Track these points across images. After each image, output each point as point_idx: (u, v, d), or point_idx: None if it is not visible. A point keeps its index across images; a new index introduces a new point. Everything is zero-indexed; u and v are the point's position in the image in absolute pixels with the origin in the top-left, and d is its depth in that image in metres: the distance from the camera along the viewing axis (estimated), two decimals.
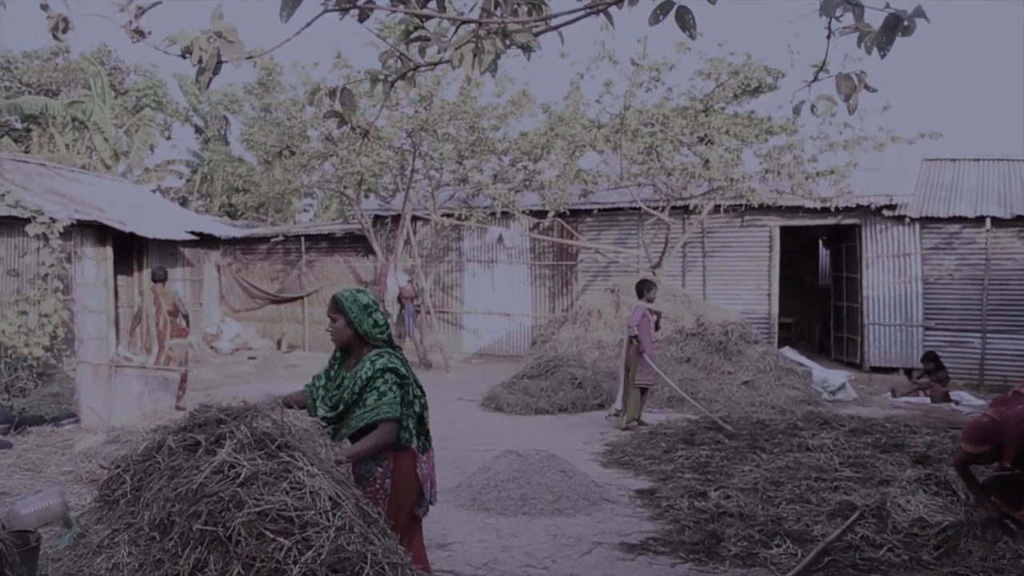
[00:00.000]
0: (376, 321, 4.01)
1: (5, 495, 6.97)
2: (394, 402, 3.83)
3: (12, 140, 26.41)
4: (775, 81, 14.55)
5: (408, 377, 3.97)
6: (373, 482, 3.90)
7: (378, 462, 3.91)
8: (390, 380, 3.85)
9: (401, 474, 3.96)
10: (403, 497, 3.98)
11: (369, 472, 3.91)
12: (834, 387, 12.32)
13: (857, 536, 5.63)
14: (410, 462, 4.01)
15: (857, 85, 2.90)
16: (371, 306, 4.03)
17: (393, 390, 3.85)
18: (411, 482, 4.02)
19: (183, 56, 2.94)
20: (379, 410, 3.80)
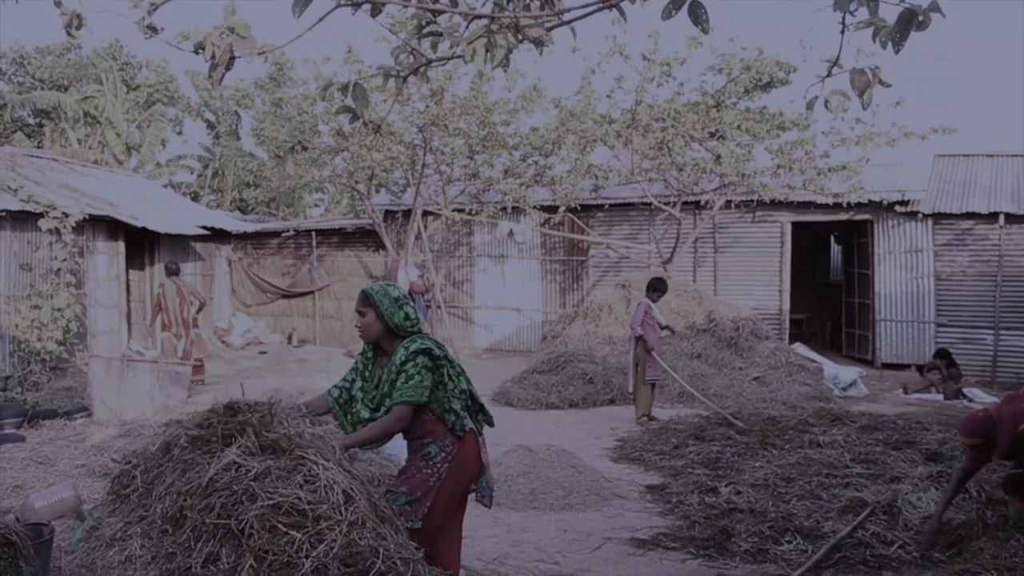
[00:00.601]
0: (408, 314, 3.92)
1: (19, 488, 7.02)
2: (420, 386, 3.70)
3: (25, 135, 26.56)
4: (787, 76, 14.48)
5: (442, 358, 3.84)
6: (431, 465, 3.82)
7: (442, 446, 3.83)
8: (420, 363, 3.74)
9: (463, 460, 3.88)
10: (457, 484, 3.90)
11: (429, 455, 3.83)
12: (845, 383, 12.29)
13: (868, 533, 5.61)
14: (474, 447, 3.95)
15: (871, 80, 2.89)
16: (402, 299, 3.94)
17: (422, 373, 3.72)
18: (472, 468, 3.95)
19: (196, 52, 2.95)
20: (402, 392, 3.69)
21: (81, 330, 13.95)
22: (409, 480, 3.83)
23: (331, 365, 16.20)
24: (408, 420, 3.74)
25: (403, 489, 3.80)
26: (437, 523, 3.86)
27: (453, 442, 3.84)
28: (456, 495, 3.93)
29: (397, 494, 3.79)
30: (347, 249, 19.39)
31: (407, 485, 3.82)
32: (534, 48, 3.21)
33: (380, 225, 17.66)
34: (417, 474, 3.83)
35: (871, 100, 2.95)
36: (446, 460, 3.82)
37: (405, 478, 3.86)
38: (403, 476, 3.89)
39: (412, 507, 3.76)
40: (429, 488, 3.79)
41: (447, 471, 3.82)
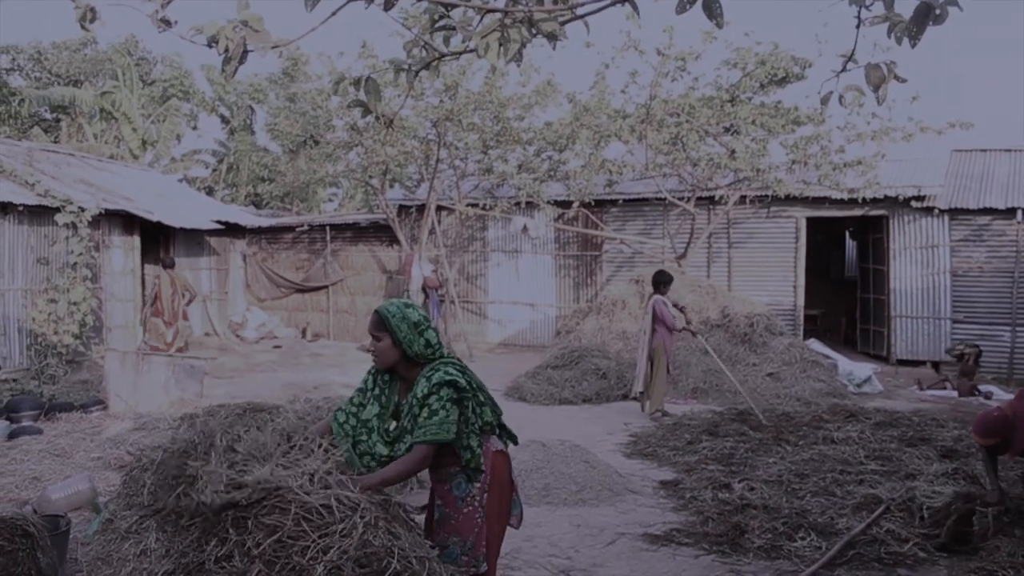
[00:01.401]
0: (428, 341, 3.53)
1: (36, 480, 7.07)
2: (445, 421, 3.34)
3: (42, 130, 26.72)
4: (802, 71, 14.40)
5: (468, 389, 3.47)
6: (470, 502, 3.51)
7: (473, 477, 3.51)
8: (444, 396, 3.36)
9: (500, 485, 3.59)
10: (500, 510, 3.61)
11: (464, 492, 3.51)
12: (860, 380, 12.22)
13: (882, 530, 5.59)
14: (506, 467, 3.66)
15: (887, 75, 2.86)
16: (422, 323, 3.54)
17: (447, 408, 3.35)
18: (508, 490, 3.66)
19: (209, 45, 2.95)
20: (425, 431, 3.33)
21: (97, 324, 14.04)
22: (457, 527, 3.51)
23: (345, 360, 16.25)
24: (431, 459, 3.41)
25: (454, 539, 3.50)
26: (495, 556, 3.61)
27: (487, 466, 3.55)
28: (502, 522, 3.65)
29: (449, 547, 3.49)
30: (361, 244, 19.43)
31: (456, 534, 3.50)
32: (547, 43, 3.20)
33: (394, 220, 17.68)
34: (460, 517, 3.51)
35: (886, 95, 2.92)
36: (484, 489, 3.52)
37: (451, 527, 3.52)
38: (446, 525, 3.54)
39: (468, 554, 3.47)
40: (479, 527, 3.49)
41: (488, 500, 3.53)
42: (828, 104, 3.27)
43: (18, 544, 4.18)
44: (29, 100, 25.72)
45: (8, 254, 12.70)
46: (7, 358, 12.56)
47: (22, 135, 25.26)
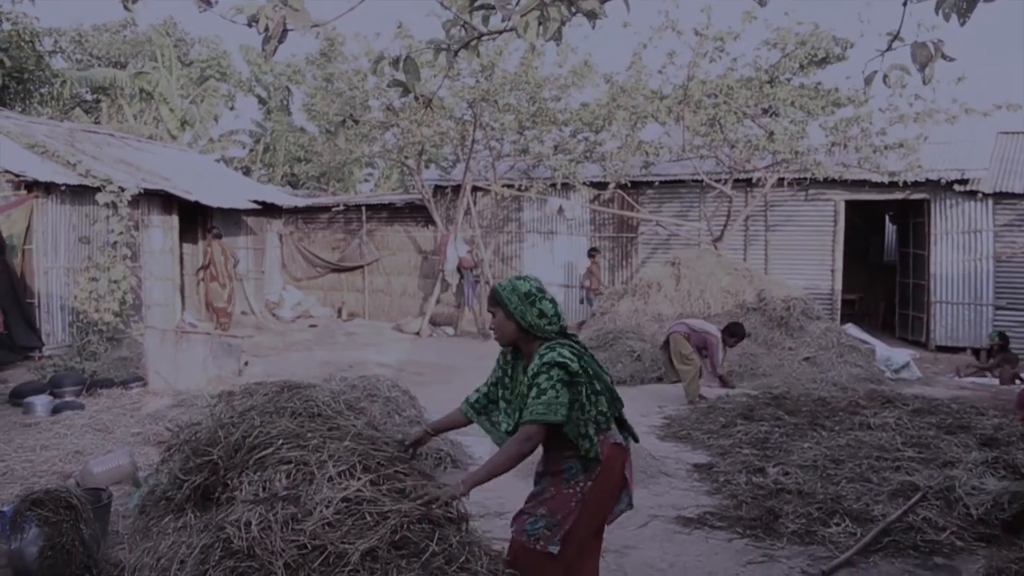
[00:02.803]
0: (543, 311, 3.46)
1: (79, 454, 7.21)
2: (554, 402, 3.24)
3: (83, 111, 27.03)
4: (843, 51, 14.19)
5: (581, 374, 3.35)
6: (574, 485, 3.42)
7: (588, 467, 3.41)
8: (555, 377, 3.27)
9: (608, 476, 3.46)
10: (601, 503, 3.48)
11: (573, 475, 3.43)
12: (898, 365, 12.08)
13: (919, 518, 5.53)
14: (620, 459, 3.52)
15: (933, 54, 2.80)
16: (533, 294, 3.48)
17: (556, 388, 3.26)
18: (616, 485, 3.52)
19: (249, 25, 2.96)
20: (532, 410, 3.25)
21: (136, 302, 14.24)
22: (549, 501, 3.44)
23: (380, 339, 16.35)
24: (538, 440, 3.30)
25: (541, 511, 3.42)
26: (577, 548, 3.45)
27: (600, 454, 3.42)
28: (599, 515, 3.52)
29: (535, 516, 3.42)
30: (396, 224, 19.50)
31: (546, 507, 3.43)
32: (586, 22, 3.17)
33: (429, 200, 17.72)
34: (557, 495, 3.43)
35: (932, 75, 2.87)
36: (590, 478, 3.40)
37: (544, 499, 3.45)
38: (541, 497, 3.48)
39: (551, 531, 3.37)
40: (571, 510, 3.39)
41: (591, 490, 3.42)
42: (872, 84, 3.21)
43: (63, 515, 4.28)
44: (70, 82, 26.02)
45: (51, 233, 12.90)
46: (50, 335, 12.79)
47: (64, 116, 25.57)
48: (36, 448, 7.42)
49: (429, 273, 18.62)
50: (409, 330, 17.30)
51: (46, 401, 9.11)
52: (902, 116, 13.92)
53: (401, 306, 19.24)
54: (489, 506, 6.10)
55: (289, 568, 2.81)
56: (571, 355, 3.36)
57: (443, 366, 13.02)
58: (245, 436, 3.38)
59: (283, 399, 3.65)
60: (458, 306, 17.67)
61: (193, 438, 3.62)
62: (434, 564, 2.91)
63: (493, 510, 6.01)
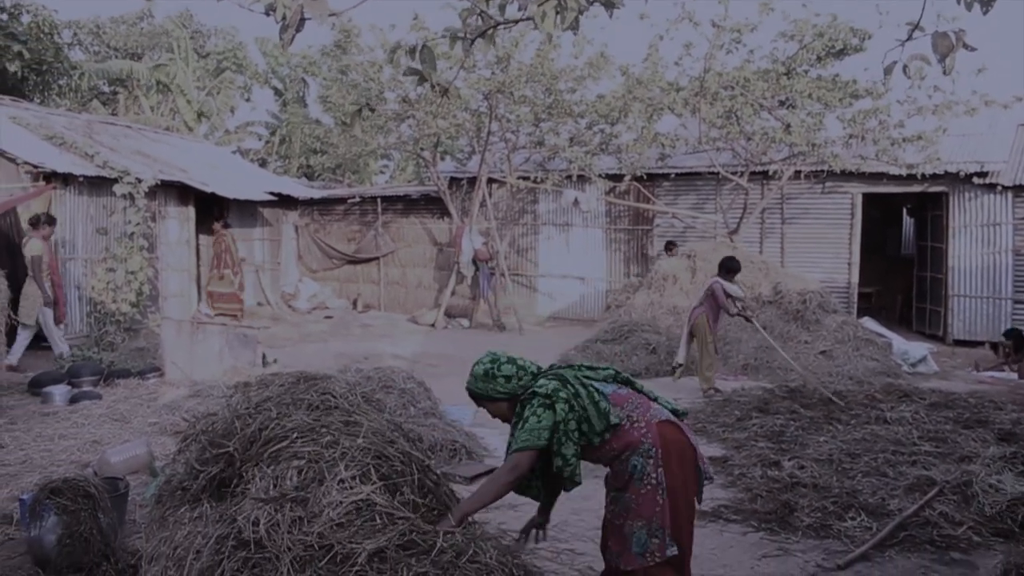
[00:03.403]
0: (506, 375, 3.58)
1: (96, 443, 7.26)
2: (536, 427, 3.35)
3: (100, 103, 27.17)
4: (861, 43, 14.09)
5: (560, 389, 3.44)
6: (648, 480, 3.37)
7: (644, 452, 3.38)
8: (535, 404, 3.40)
9: (674, 453, 3.43)
10: (683, 479, 3.46)
11: (639, 471, 3.39)
12: (915, 359, 12.00)
13: (936, 512, 5.49)
14: (679, 436, 3.51)
15: (955, 44, 2.77)
16: (489, 370, 3.61)
17: (537, 414, 3.37)
18: (687, 459, 3.50)
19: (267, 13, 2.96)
20: (516, 438, 3.39)
21: (153, 292, 14.32)
22: (636, 509, 3.38)
23: (395, 331, 16.38)
24: (524, 468, 3.39)
25: (638, 524, 3.37)
26: (687, 535, 3.50)
27: (654, 440, 3.40)
28: (687, 494, 3.51)
29: (635, 533, 3.37)
30: (412, 216, 19.51)
31: (637, 517, 3.38)
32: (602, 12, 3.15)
33: (445, 192, 17.72)
34: (640, 498, 3.38)
35: (953, 66, 2.83)
36: (657, 464, 3.38)
37: (634, 511, 3.39)
38: (629, 511, 3.41)
39: (659, 536, 3.34)
40: (659, 504, 3.36)
41: (664, 474, 3.38)
42: (892, 75, 3.18)
43: (81, 504, 4.31)
44: (88, 74, 26.15)
45: (69, 224, 12.98)
46: (68, 325, 12.87)
47: (82, 108, 25.71)
48: (54, 437, 7.48)
49: (444, 265, 18.64)
50: (424, 322, 17.32)
51: (64, 391, 9.17)
52: (921, 108, 13.81)
53: (416, 298, 19.27)
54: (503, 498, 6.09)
55: (296, 565, 2.83)
56: (544, 381, 3.49)
57: (458, 358, 13.02)
58: (261, 428, 3.39)
59: (299, 391, 3.66)
60: (473, 298, 17.67)
61: (209, 429, 3.64)
62: (443, 560, 2.92)
63: (507, 502, 6.01)
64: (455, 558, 2.93)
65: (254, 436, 3.38)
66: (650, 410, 3.53)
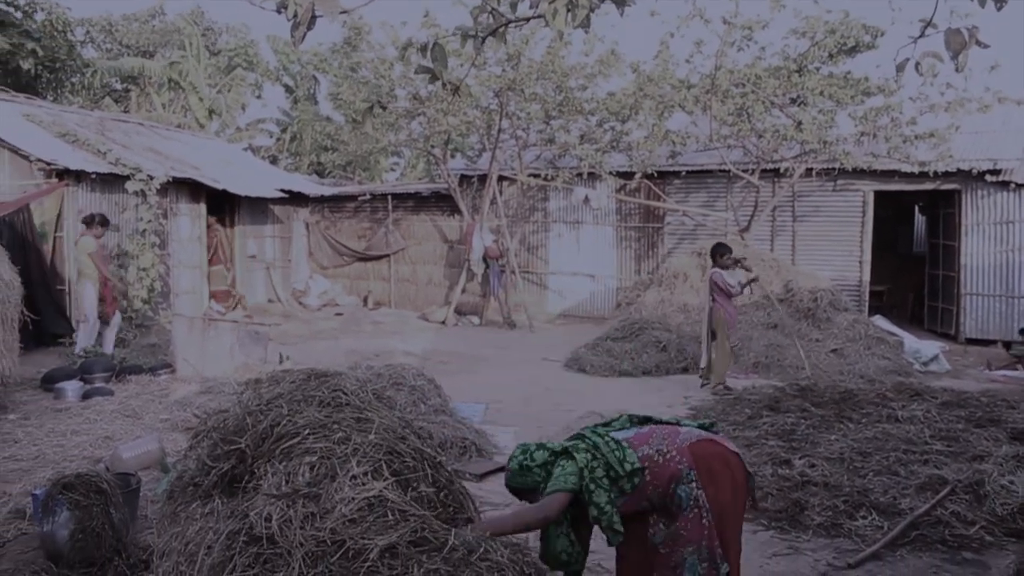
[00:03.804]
0: (540, 462, 3.57)
1: (108, 439, 7.30)
2: (560, 475, 3.42)
3: (113, 100, 27.29)
4: (873, 40, 14.03)
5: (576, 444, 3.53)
6: (693, 505, 3.38)
7: (683, 480, 3.39)
8: (557, 462, 3.51)
9: (712, 472, 3.44)
10: (726, 500, 3.44)
11: (685, 499, 3.39)
12: (927, 358, 11.95)
13: (947, 512, 5.47)
14: (715, 452, 3.53)
15: (968, 41, 2.76)
16: (523, 461, 3.60)
17: (561, 465, 3.45)
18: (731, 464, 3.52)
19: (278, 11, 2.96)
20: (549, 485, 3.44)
21: (165, 289, 14.38)
22: (685, 536, 3.38)
23: (406, 328, 16.41)
24: (553, 512, 3.39)
25: (689, 550, 3.36)
26: (736, 551, 3.48)
27: (689, 463, 3.41)
28: (733, 510, 3.49)
29: (687, 559, 3.36)
30: (423, 213, 19.53)
31: (689, 543, 3.36)
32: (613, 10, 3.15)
33: (455, 190, 17.73)
34: (688, 524, 3.38)
35: (966, 62, 2.82)
36: (698, 487, 3.39)
37: (683, 539, 3.38)
38: (678, 539, 3.40)
39: (709, 561, 3.34)
40: (705, 527, 3.36)
41: (705, 495, 3.39)
42: (904, 72, 3.17)
43: (93, 500, 4.33)
44: (101, 71, 26.27)
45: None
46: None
47: (94, 105, 25.83)
48: (67, 433, 7.52)
49: (455, 262, 18.65)
50: (435, 319, 17.34)
51: (76, 387, 9.23)
52: (933, 105, 13.75)
53: (427, 295, 19.29)
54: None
55: (308, 560, 2.84)
56: (567, 442, 3.59)
57: (468, 355, 13.05)
58: (273, 425, 3.40)
59: (310, 387, 3.67)
60: (484, 295, 17.68)
61: (221, 425, 3.65)
62: (455, 557, 2.92)
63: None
64: (467, 555, 2.93)
65: (266, 432, 3.39)
66: (678, 436, 3.54)
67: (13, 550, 4.70)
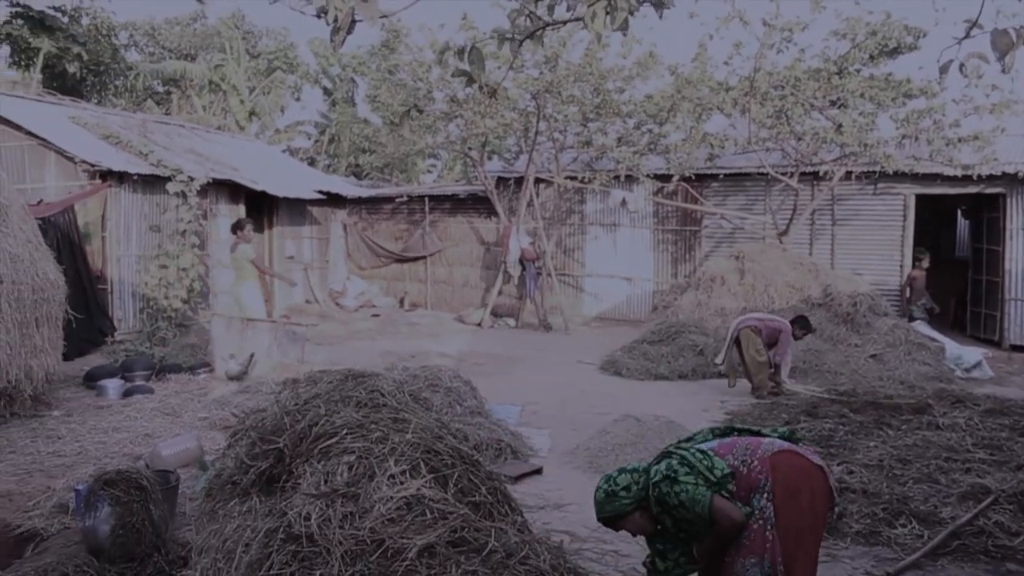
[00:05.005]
0: (625, 486, 3.54)
1: (148, 436, 7.41)
2: (695, 495, 3.38)
3: (154, 103, 27.69)
4: (916, 41, 13.84)
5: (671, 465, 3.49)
6: (759, 516, 3.40)
7: (760, 491, 3.42)
8: (668, 488, 3.43)
9: (792, 480, 3.44)
10: (797, 515, 3.42)
11: (755, 506, 3.41)
12: (969, 364, 11.74)
13: (991, 522, 5.37)
14: (790, 459, 3.52)
15: (1015, 41, 2.71)
16: (608, 489, 3.56)
17: (686, 489, 3.40)
18: (813, 478, 3.51)
19: (318, 15, 2.99)
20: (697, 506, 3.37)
21: (204, 289, 14.54)
22: (749, 546, 3.40)
23: (442, 329, 16.45)
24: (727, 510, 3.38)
25: (751, 561, 3.39)
26: (809, 567, 3.47)
27: (767, 475, 3.43)
28: (814, 514, 3.49)
29: (749, 571, 3.39)
30: (459, 215, 19.58)
31: (752, 554, 3.39)
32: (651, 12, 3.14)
33: (492, 192, 17.75)
34: (752, 534, 3.41)
35: (1013, 63, 2.77)
36: (769, 499, 3.40)
37: (745, 548, 3.41)
38: (739, 549, 3.43)
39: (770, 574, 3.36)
40: (768, 540, 3.37)
41: (774, 510, 3.39)
42: (948, 73, 3.11)
43: (133, 496, 4.40)
44: (144, 74, 26.70)
45: (124, 221, 13.25)
46: (122, 320, 13.15)
47: (137, 107, 26.23)
48: (108, 430, 7.65)
49: (491, 264, 18.68)
50: (471, 321, 17.37)
51: (118, 385, 9.37)
52: (978, 107, 13.51)
53: (463, 297, 19.33)
54: (549, 498, 6.11)
55: (347, 559, 2.85)
56: (656, 468, 3.52)
57: (504, 357, 13.05)
58: (311, 425, 3.43)
59: (347, 388, 3.69)
60: (520, 298, 17.69)
61: (259, 424, 3.69)
62: (494, 559, 2.92)
63: (553, 502, 6.02)
64: (506, 558, 2.93)
65: (304, 432, 3.42)
66: (760, 446, 3.54)
67: (56, 543, 4.79)
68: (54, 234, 11.43)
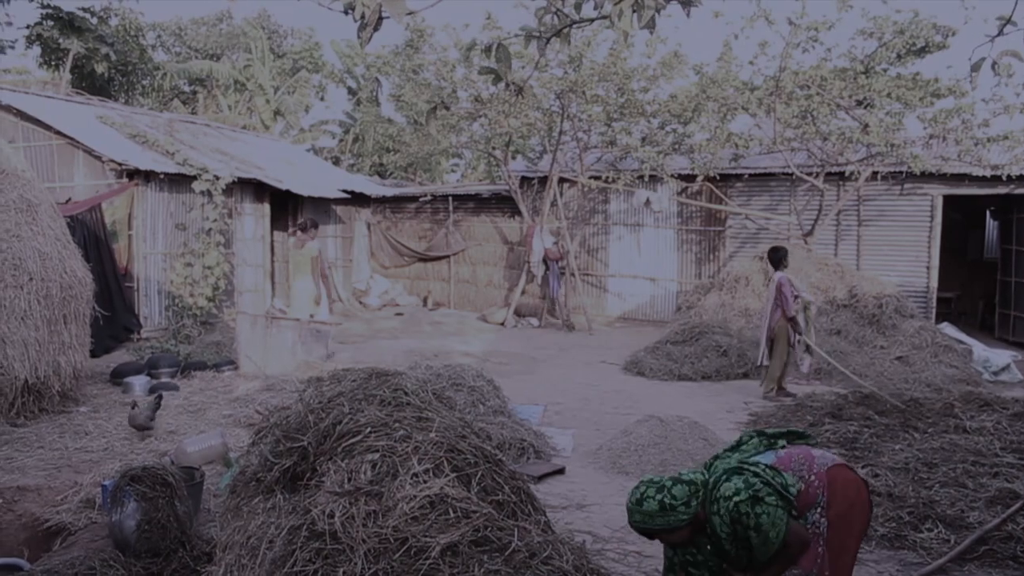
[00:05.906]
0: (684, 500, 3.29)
1: (173, 433, 7.46)
2: (775, 522, 3.17)
3: (181, 102, 27.93)
4: (944, 40, 13.69)
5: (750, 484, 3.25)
6: (812, 530, 3.40)
7: (815, 506, 3.41)
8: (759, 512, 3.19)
9: (846, 504, 3.43)
10: (847, 530, 3.42)
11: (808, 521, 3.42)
12: (997, 367, 11.61)
13: (1019, 527, 5.31)
14: (843, 473, 3.51)
15: None
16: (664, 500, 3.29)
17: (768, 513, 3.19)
18: (861, 493, 3.50)
19: (346, 12, 2.99)
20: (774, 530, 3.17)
21: (229, 287, 14.64)
22: (800, 561, 3.38)
23: (465, 328, 16.47)
24: (798, 536, 3.24)
25: (795, 573, 3.40)
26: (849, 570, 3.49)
27: (823, 489, 3.41)
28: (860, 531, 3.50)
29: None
30: (483, 214, 19.60)
31: (800, 568, 3.40)
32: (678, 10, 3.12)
33: (516, 191, 17.75)
34: None
35: None
36: (823, 514, 3.39)
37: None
38: None
39: None
40: (820, 556, 3.38)
41: (827, 525, 3.39)
42: (979, 72, 3.07)
43: (159, 492, 4.44)
44: (170, 74, 26.92)
45: (150, 220, 13.36)
46: (148, 318, 13.26)
47: (163, 107, 26.47)
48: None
49: (515, 264, 18.68)
50: (494, 320, 17.39)
51: (144, 381, 9.45)
52: (1008, 107, 13.35)
53: (486, 296, 19.35)
54: (572, 498, 6.10)
55: (370, 557, 2.86)
56: (727, 485, 3.25)
57: (527, 357, 13.05)
58: (335, 423, 3.44)
59: (371, 386, 3.70)
60: (543, 297, 17.68)
61: (283, 422, 3.70)
62: (517, 559, 2.92)
63: (575, 502, 6.01)
64: (528, 558, 2.93)
65: (328, 430, 3.43)
66: (815, 460, 3.51)
67: (83, 538, 4.84)
68: (82, 232, 11.54)
